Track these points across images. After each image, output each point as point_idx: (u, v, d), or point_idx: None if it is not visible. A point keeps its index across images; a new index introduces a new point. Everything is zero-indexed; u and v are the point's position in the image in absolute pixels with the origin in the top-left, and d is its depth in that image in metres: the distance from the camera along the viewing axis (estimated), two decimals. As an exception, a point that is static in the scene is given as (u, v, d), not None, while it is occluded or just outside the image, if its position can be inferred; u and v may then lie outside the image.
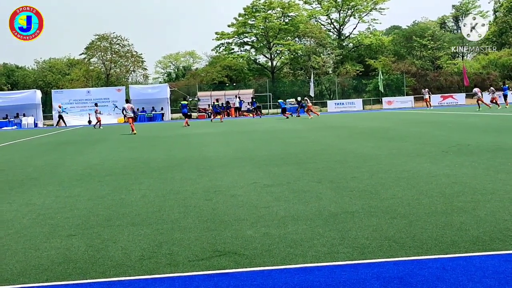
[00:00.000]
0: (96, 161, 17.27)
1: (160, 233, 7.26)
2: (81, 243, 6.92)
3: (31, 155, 21.48)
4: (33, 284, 5.46)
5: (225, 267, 5.70)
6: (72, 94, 63.05)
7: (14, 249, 6.81)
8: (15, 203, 10.20)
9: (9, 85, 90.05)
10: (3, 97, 61.92)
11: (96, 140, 29.26)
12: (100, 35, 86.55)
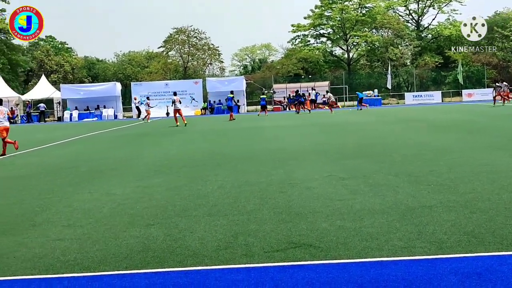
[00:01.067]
0: (173, 153, 17.55)
1: (236, 224, 7.33)
2: (159, 233, 7.06)
3: (111, 146, 22.00)
4: (113, 272, 5.61)
5: (300, 259, 5.71)
6: (151, 86, 64.07)
7: (94, 237, 7.00)
8: (96, 192, 10.48)
9: (90, 77, 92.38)
10: (84, 90, 63.53)
11: (173, 132, 29.71)
12: (178, 29, 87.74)
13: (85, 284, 5.26)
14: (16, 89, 75.14)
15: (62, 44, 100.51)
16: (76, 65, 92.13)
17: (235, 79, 66.46)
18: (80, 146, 22.92)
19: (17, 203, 9.71)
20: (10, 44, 78.04)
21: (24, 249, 6.54)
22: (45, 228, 7.62)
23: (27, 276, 5.58)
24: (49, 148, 22.06)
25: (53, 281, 5.41)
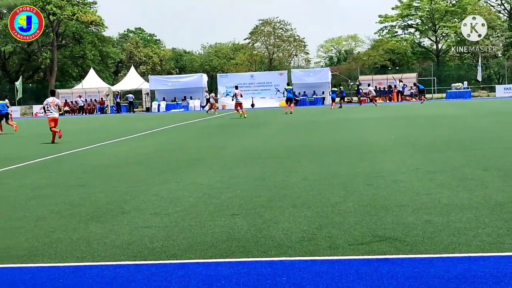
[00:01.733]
0: (258, 144, 17.65)
1: (320, 216, 7.31)
2: (243, 223, 7.12)
3: (197, 136, 22.34)
4: (198, 260, 5.69)
5: (385, 252, 5.64)
6: (237, 78, 64.57)
7: (181, 226, 7.13)
8: (182, 182, 10.66)
9: (178, 69, 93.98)
10: (172, 81, 64.64)
11: (258, 123, 29.88)
12: (264, 20, 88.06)
13: (172, 271, 5.35)
14: (106, 80, 77.32)
15: (151, 36, 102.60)
16: (164, 56, 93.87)
17: (320, 71, 66.18)
18: (167, 136, 23.37)
19: (107, 191, 9.99)
20: (101, 36, 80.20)
21: (113, 236, 6.73)
22: (134, 216, 7.81)
23: (116, 262, 5.73)
24: (137, 138, 22.59)
25: (141, 267, 5.54)
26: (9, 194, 10.07)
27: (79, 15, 72.08)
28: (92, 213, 8.12)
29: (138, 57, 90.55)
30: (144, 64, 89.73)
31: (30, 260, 5.89)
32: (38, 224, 7.49)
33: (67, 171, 13.10)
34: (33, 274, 5.45)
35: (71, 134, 27.36)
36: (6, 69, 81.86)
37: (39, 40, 75.64)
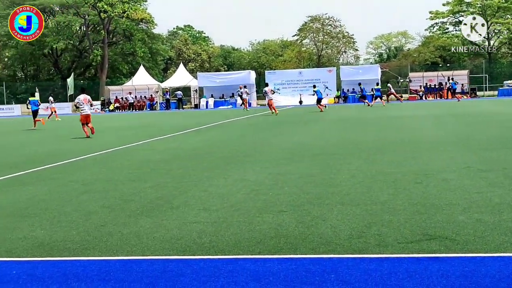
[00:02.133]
0: (306, 141, 17.61)
1: (369, 213, 7.26)
2: (291, 219, 7.12)
3: (245, 133, 22.40)
4: (246, 256, 5.72)
5: (435, 251, 5.58)
6: (285, 75, 64.56)
7: (229, 221, 7.16)
8: (230, 178, 10.71)
9: (226, 66, 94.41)
10: (220, 78, 64.94)
11: (306, 120, 29.82)
12: (313, 17, 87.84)
13: (220, 266, 5.39)
14: (155, 76, 78.12)
15: (200, 33, 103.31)
16: (212, 53, 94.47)
17: (369, 67, 65.66)
18: (215, 132, 23.51)
19: (157, 186, 10.10)
20: (151, 34, 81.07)
21: (163, 230, 6.80)
22: (183, 211, 7.88)
23: (165, 256, 5.80)
24: (186, 134, 22.77)
25: (190, 262, 5.59)
26: (61, 189, 10.26)
27: (129, 13, 72.96)
28: (142, 207, 8.23)
29: (187, 54, 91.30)
30: (193, 61, 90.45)
31: (82, 254, 5.99)
32: (90, 218, 7.62)
33: (117, 166, 13.28)
34: (84, 267, 5.55)
35: (122, 130, 27.76)
36: (58, 66, 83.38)
37: (91, 37, 76.85)
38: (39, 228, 7.15)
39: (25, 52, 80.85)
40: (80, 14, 77.25)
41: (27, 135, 27.06)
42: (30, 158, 15.75)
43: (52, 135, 26.08)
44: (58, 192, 9.87)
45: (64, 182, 11.05)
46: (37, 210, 8.37)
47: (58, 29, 78.20)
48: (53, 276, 5.32)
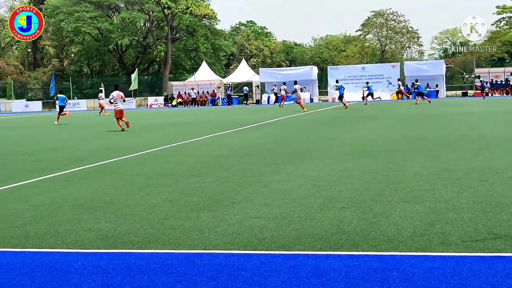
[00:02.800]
0: (369, 137, 17.45)
1: (433, 211, 7.15)
2: (353, 216, 7.06)
3: (307, 129, 22.34)
4: (308, 251, 5.70)
5: (501, 250, 5.46)
6: (347, 70, 64.13)
7: (290, 217, 7.16)
8: (292, 174, 10.70)
9: (288, 61, 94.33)
10: (282, 73, 64.89)
11: (368, 116, 29.55)
12: (376, 12, 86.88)
13: (281, 262, 5.39)
14: (218, 72, 78.62)
15: (262, 29, 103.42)
16: (274, 49, 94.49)
17: (434, 63, 64.63)
18: (277, 128, 23.51)
19: (218, 181, 10.16)
20: (213, 29, 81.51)
21: (224, 225, 6.84)
22: (244, 206, 7.91)
23: (226, 250, 5.83)
24: (248, 130, 22.85)
25: (251, 256, 5.61)
26: (125, 183, 10.43)
27: (192, 9, 73.53)
28: (203, 202, 8.29)
29: (249, 49, 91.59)
30: (255, 57, 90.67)
31: (145, 246, 6.08)
32: (152, 212, 7.73)
33: (179, 161, 13.42)
34: (147, 260, 5.63)
35: (183, 125, 28.05)
36: (123, 62, 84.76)
37: (155, 33, 77.87)
38: (104, 221, 7.28)
39: (91, 48, 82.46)
40: (145, 10, 78.28)
41: (88, 129, 27.61)
42: (93, 152, 16.06)
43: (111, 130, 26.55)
44: (121, 186, 10.04)
45: (127, 176, 11.23)
46: (102, 203, 8.53)
47: (123, 25, 79.45)
48: (117, 268, 5.41)
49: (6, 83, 74.59)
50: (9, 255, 5.96)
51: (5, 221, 7.47)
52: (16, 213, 7.92)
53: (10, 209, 8.25)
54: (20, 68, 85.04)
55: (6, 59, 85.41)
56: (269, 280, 4.90)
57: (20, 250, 6.11)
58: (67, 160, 14.15)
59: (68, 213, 7.86)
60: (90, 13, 77.36)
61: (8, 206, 8.48)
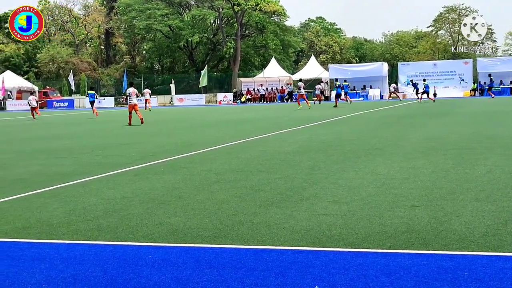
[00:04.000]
0: (440, 134, 17.15)
1: (506, 210, 6.98)
2: (424, 214, 6.96)
3: (376, 126, 22.13)
4: (377, 249, 5.65)
5: None
6: (419, 66, 63.23)
7: (359, 215, 7.11)
8: (361, 171, 10.62)
9: (357, 58, 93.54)
10: (351, 69, 64.49)
11: (440, 113, 29.04)
12: (449, 7, 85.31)
13: (350, 259, 5.36)
14: (286, 69, 78.60)
15: (332, 25, 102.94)
16: (344, 45, 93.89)
17: (508, 59, 62.97)
18: (346, 125, 23.36)
19: (286, 177, 10.17)
20: (283, 26, 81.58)
21: (293, 221, 6.84)
22: (312, 203, 7.89)
23: (295, 247, 5.83)
24: (317, 126, 22.78)
25: (319, 253, 5.59)
26: (194, 177, 10.55)
27: (262, 5, 73.78)
28: (272, 198, 8.32)
29: (319, 46, 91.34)
30: (324, 53, 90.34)
31: (214, 241, 6.14)
32: (221, 207, 7.80)
33: (248, 157, 13.49)
34: (216, 255, 5.68)
35: (253, 121, 28.16)
36: (193, 59, 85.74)
37: (224, 30, 78.44)
38: (174, 215, 7.39)
39: (162, 45, 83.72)
40: (215, 7, 78.97)
41: (159, 125, 28.02)
42: (164, 148, 16.30)
43: (181, 126, 26.87)
44: (191, 181, 10.16)
45: (196, 171, 11.36)
46: (172, 198, 8.65)
47: (194, 23, 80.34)
48: (187, 262, 5.48)
49: (80, 79, 76.42)
50: (82, 247, 6.12)
51: (79, 214, 7.67)
52: (89, 207, 8.12)
53: (83, 202, 8.46)
54: (93, 64, 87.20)
55: (80, 56, 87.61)
56: (337, 278, 4.88)
57: (92, 243, 6.27)
58: (138, 155, 14.42)
59: (138, 207, 8.01)
60: (162, 10, 78.58)
61: (81, 199, 8.70)
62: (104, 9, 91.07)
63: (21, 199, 8.94)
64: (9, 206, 8.39)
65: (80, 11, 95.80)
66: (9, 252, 6.04)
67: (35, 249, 6.13)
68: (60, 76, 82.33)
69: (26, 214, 7.77)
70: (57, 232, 6.75)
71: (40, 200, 8.78)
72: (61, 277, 5.14)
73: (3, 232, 6.83)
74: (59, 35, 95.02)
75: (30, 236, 6.60)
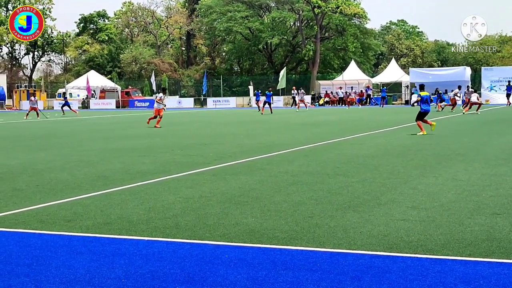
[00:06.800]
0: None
1: None
2: (505, 223, 6.79)
3: (458, 131, 21.69)
4: (456, 257, 5.54)
5: None
6: (503, 71, 61.51)
7: (438, 221, 6.98)
8: (441, 177, 10.42)
9: (439, 62, 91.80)
10: (433, 73, 63.30)
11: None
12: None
13: (428, 266, 5.28)
14: (366, 72, 77.86)
15: (413, 28, 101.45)
16: (426, 49, 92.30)
17: None
18: (426, 130, 22.94)
19: (364, 181, 10.09)
20: (363, 29, 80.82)
21: (370, 226, 6.78)
22: (390, 208, 7.80)
23: (371, 252, 5.78)
24: (397, 130, 22.48)
25: (397, 259, 5.53)
26: (271, 179, 10.59)
27: (343, 8, 73.26)
28: (349, 202, 8.26)
29: (399, 49, 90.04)
30: (405, 57, 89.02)
31: (290, 243, 6.15)
32: (298, 209, 7.80)
33: (325, 160, 13.43)
34: (292, 256, 5.69)
35: (331, 124, 28.03)
36: (272, 61, 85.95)
37: (304, 32, 78.37)
38: (250, 216, 7.44)
39: (242, 47, 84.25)
40: (295, 9, 78.95)
41: (237, 127, 28.21)
42: (242, 149, 16.39)
43: (259, 127, 26.98)
44: (268, 182, 10.20)
45: (273, 173, 11.39)
46: (249, 198, 8.71)
47: (273, 25, 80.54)
48: (263, 262, 5.51)
49: (161, 80, 77.82)
50: (161, 244, 6.23)
51: (158, 211, 7.82)
52: (168, 205, 8.26)
53: (162, 200, 8.61)
54: (174, 65, 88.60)
55: (161, 57, 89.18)
56: (414, 284, 4.81)
57: (171, 240, 6.38)
58: (216, 155, 14.56)
59: (216, 206, 8.10)
60: (242, 12, 79.07)
61: (160, 197, 8.86)
62: (185, 11, 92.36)
63: (102, 195, 9.18)
64: (91, 202, 8.63)
65: (163, 13, 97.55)
66: (91, 246, 6.20)
67: (115, 244, 6.29)
68: (142, 76, 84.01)
69: (108, 210, 7.98)
70: (137, 228, 6.90)
71: (121, 197, 8.99)
72: (139, 273, 5.25)
73: (85, 227, 7.03)
74: (142, 36, 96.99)
75: (111, 232, 6.77)
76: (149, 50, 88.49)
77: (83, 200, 8.80)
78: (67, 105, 47.54)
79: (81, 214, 7.75)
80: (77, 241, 6.43)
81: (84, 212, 7.88)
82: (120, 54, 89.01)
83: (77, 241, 6.43)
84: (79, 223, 7.24)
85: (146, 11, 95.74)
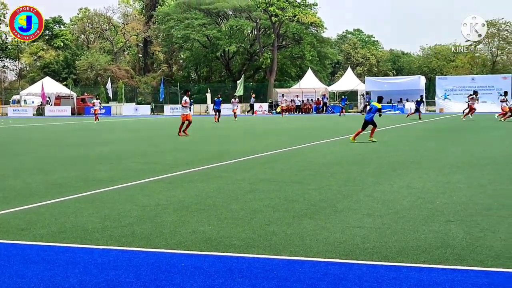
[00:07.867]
0: (477, 150, 16.98)
1: (544, 228, 6.87)
2: (459, 230, 6.89)
3: (412, 139, 21.95)
4: (410, 264, 5.60)
5: None
6: (456, 81, 62.61)
7: (393, 228, 7.05)
8: (396, 184, 10.54)
9: (395, 70, 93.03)
10: (388, 82, 64.11)
11: (478, 128, 28.70)
12: (488, 21, 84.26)
13: (383, 273, 5.32)
14: (323, 80, 78.49)
15: (369, 37, 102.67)
16: (381, 58, 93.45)
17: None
18: (381, 138, 23.18)
19: (320, 188, 10.14)
20: (320, 37, 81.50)
21: (326, 233, 6.82)
22: (346, 215, 7.86)
23: (328, 259, 5.81)
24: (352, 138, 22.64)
25: (353, 266, 5.56)
26: (228, 187, 10.57)
27: (300, 17, 73.73)
28: (305, 209, 8.30)
29: (355, 58, 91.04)
30: (361, 65, 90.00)
31: (247, 251, 6.14)
32: (255, 217, 7.80)
33: (281, 168, 13.46)
34: (249, 264, 5.69)
35: (288, 132, 28.14)
36: (229, 69, 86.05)
37: (261, 41, 78.61)
38: (207, 224, 7.41)
39: (199, 55, 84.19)
40: (252, 18, 79.19)
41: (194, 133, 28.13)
42: (199, 156, 16.33)
43: (219, 134, 26.94)
44: (225, 190, 10.18)
45: (231, 180, 11.38)
46: (205, 206, 8.68)
47: (231, 33, 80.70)
48: (219, 270, 5.49)
49: (117, 87, 77.23)
50: (116, 253, 6.17)
51: (113, 220, 7.74)
52: (124, 213, 8.18)
53: (118, 209, 8.53)
54: (131, 72, 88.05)
55: (118, 64, 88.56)
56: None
57: (126, 249, 6.31)
58: (173, 163, 14.50)
59: (172, 214, 8.05)
60: (200, 20, 79.04)
61: (116, 206, 8.78)
62: (143, 18, 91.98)
63: (57, 203, 9.06)
64: (45, 210, 8.50)
65: (119, 20, 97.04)
66: (44, 255, 6.11)
67: (69, 253, 6.20)
68: (98, 83, 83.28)
69: (62, 218, 7.87)
70: (92, 237, 6.82)
71: (76, 205, 8.88)
72: (94, 282, 5.19)
73: (39, 235, 6.92)
74: (98, 42, 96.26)
75: (65, 241, 6.68)
76: (106, 57, 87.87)
77: (37, 208, 8.67)
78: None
79: (35, 222, 7.63)
80: (31, 250, 6.33)
81: (38, 220, 7.76)
82: (76, 60, 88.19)
83: (30, 250, 6.33)
84: (33, 231, 7.13)
85: (102, 18, 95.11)
